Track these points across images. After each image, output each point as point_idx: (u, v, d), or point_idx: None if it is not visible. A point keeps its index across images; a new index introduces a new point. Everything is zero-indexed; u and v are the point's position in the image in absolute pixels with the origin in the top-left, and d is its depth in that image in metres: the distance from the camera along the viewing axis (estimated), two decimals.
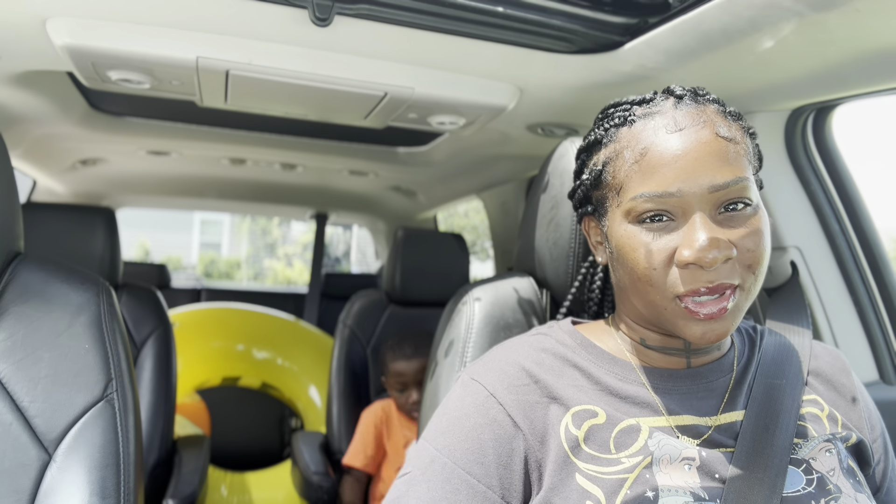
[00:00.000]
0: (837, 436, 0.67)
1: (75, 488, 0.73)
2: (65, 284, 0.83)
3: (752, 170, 0.64)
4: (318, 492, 1.69)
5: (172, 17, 0.91)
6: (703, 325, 0.61)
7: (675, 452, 0.62)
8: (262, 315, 2.74)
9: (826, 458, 0.64)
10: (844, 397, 0.73)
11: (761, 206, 0.64)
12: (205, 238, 16.60)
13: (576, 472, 0.62)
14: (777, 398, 0.68)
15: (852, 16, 0.73)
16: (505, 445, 0.64)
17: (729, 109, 0.66)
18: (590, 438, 0.64)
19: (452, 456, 0.64)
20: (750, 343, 0.76)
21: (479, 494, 0.62)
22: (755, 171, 0.67)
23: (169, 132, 1.86)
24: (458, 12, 0.86)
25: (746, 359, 0.73)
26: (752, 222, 0.61)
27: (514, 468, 0.63)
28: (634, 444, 0.63)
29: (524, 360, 0.70)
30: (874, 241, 1.11)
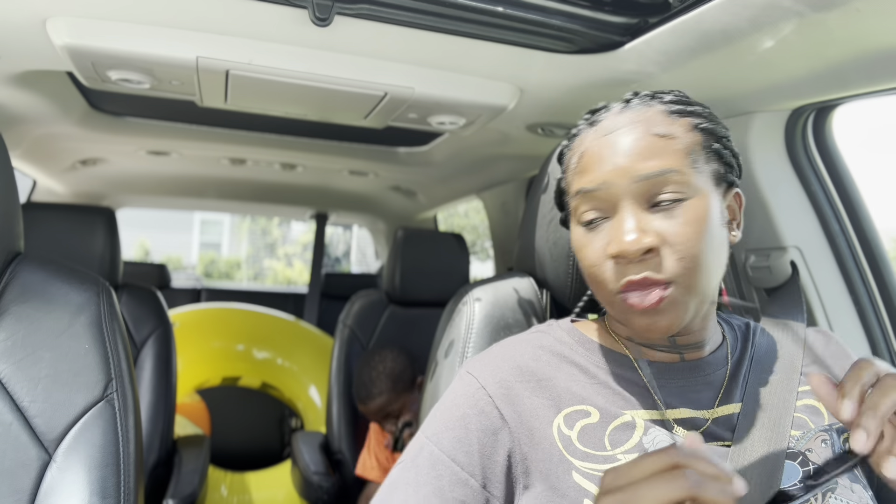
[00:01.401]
0: (834, 426, 0.67)
1: (75, 488, 0.73)
2: (65, 284, 0.83)
3: (694, 164, 0.64)
4: (317, 492, 1.69)
5: (172, 17, 0.91)
6: (647, 318, 0.62)
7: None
8: (262, 315, 2.74)
9: (822, 450, 0.64)
10: (831, 367, 0.74)
11: (702, 197, 0.63)
12: (205, 238, 16.60)
13: (572, 469, 0.62)
14: (773, 391, 0.68)
15: (852, 16, 0.73)
16: (490, 436, 0.65)
17: (678, 109, 0.67)
18: (583, 437, 0.64)
19: (440, 443, 0.66)
20: (743, 339, 0.76)
21: (461, 481, 0.63)
22: (721, 170, 0.67)
23: (169, 132, 1.86)
24: (458, 12, 0.86)
25: (740, 353, 0.74)
26: (684, 214, 0.62)
27: (496, 459, 0.64)
28: (629, 440, 0.63)
29: (520, 357, 0.71)
30: (874, 241, 1.11)
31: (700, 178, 0.64)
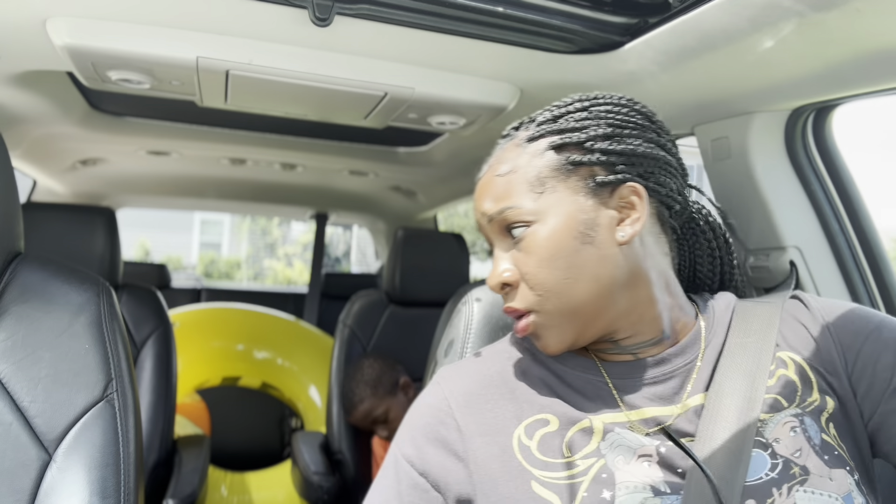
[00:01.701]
0: (807, 409, 0.63)
1: (75, 488, 0.73)
2: (65, 284, 0.83)
3: (540, 188, 0.66)
4: (317, 492, 1.69)
5: (172, 17, 0.91)
6: (532, 340, 0.69)
7: (629, 452, 0.61)
8: (262, 315, 2.74)
9: (791, 439, 0.60)
10: (823, 337, 0.68)
11: (550, 220, 0.65)
12: (205, 238, 16.60)
13: (531, 479, 0.62)
14: (743, 374, 0.65)
15: (852, 16, 0.73)
16: (444, 447, 0.68)
17: (531, 135, 0.69)
18: (542, 446, 0.64)
19: (402, 448, 0.70)
20: (722, 322, 0.72)
21: (417, 486, 0.67)
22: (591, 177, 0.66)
23: (169, 132, 1.86)
24: (458, 12, 0.86)
25: (715, 339, 0.70)
26: (529, 244, 0.65)
27: (450, 468, 0.67)
28: (588, 445, 0.63)
29: (490, 367, 0.73)
30: (874, 241, 1.11)
31: (549, 201, 0.65)
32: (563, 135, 0.67)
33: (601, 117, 0.67)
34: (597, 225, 0.65)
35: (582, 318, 0.65)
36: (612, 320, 0.66)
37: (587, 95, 0.71)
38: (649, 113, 0.71)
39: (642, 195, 0.65)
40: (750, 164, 1.10)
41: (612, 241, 0.65)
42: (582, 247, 0.64)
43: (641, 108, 0.70)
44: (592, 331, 0.66)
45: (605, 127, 0.67)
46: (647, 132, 0.68)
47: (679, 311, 0.70)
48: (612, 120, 0.67)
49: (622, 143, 0.66)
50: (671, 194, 0.69)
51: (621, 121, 0.67)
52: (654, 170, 0.68)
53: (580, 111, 0.69)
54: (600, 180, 0.65)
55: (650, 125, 0.69)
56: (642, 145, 0.67)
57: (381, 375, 1.73)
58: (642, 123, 0.69)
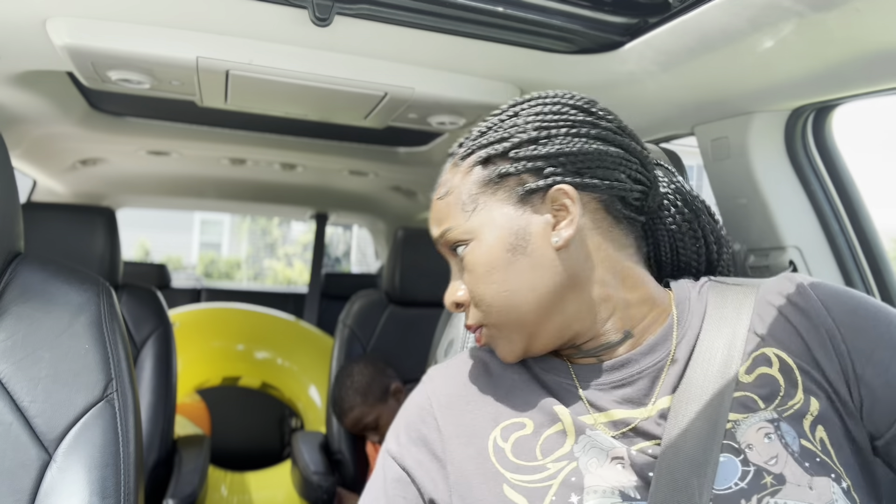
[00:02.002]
0: (785, 414, 0.57)
1: (75, 488, 0.73)
2: (65, 284, 0.83)
3: (471, 207, 0.66)
4: (317, 492, 1.69)
5: (172, 17, 0.91)
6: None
7: (602, 454, 0.60)
8: (262, 315, 2.74)
9: (765, 446, 0.56)
10: (805, 327, 0.61)
11: (484, 237, 0.65)
12: (205, 238, 16.60)
13: (504, 483, 0.62)
14: (713, 372, 0.60)
15: (852, 16, 0.73)
16: (424, 445, 0.69)
17: (462, 154, 0.69)
18: (517, 449, 0.64)
19: (388, 443, 0.72)
20: (697, 314, 0.67)
21: (400, 480, 0.68)
22: (519, 187, 0.64)
23: (169, 132, 1.86)
24: (458, 12, 0.86)
25: (689, 332, 0.65)
26: (469, 263, 0.66)
27: (429, 467, 0.68)
28: (561, 448, 0.62)
29: (474, 367, 0.74)
30: (874, 241, 1.11)
31: (482, 217, 0.65)
32: (489, 147, 0.66)
33: (529, 122, 0.66)
34: (529, 234, 0.64)
35: (529, 328, 0.65)
36: (565, 325, 0.65)
37: (522, 98, 0.69)
38: (586, 105, 0.67)
39: (573, 196, 0.63)
40: (750, 164, 1.10)
41: (549, 248, 0.64)
42: (516, 258, 0.64)
43: (577, 101, 0.67)
44: (545, 337, 0.65)
45: (532, 131, 0.65)
46: (582, 127, 0.65)
47: (643, 306, 0.66)
48: (540, 122, 0.65)
49: (549, 144, 0.64)
50: (619, 185, 0.65)
51: (550, 121, 0.65)
52: (590, 165, 0.65)
53: (510, 118, 0.68)
54: (528, 188, 0.64)
55: (587, 119, 0.66)
56: (574, 142, 0.64)
57: (371, 382, 1.71)
58: (577, 119, 0.66)
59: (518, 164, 0.64)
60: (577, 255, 0.64)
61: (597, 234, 0.65)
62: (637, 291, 0.66)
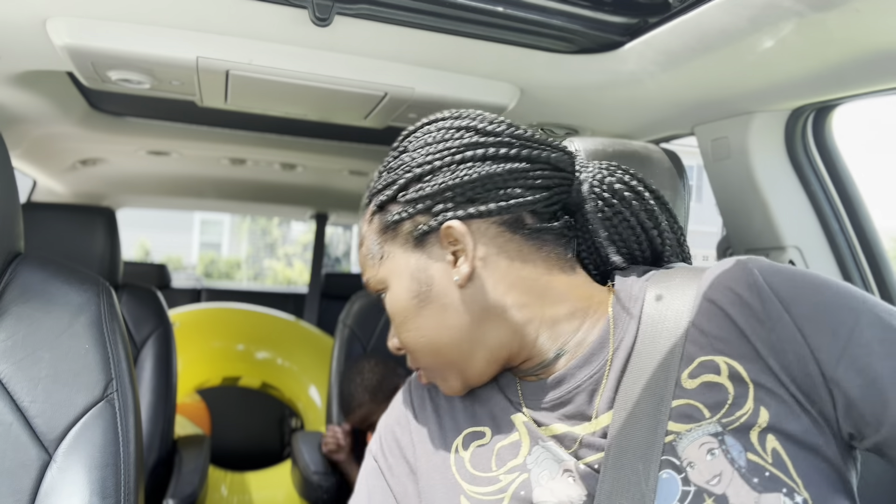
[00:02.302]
0: (730, 427, 0.52)
1: (75, 488, 0.73)
2: (65, 284, 0.83)
3: (379, 256, 0.66)
4: (317, 492, 1.69)
5: (172, 17, 0.91)
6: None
7: (555, 466, 0.59)
8: (262, 315, 2.74)
9: (707, 464, 0.52)
10: (755, 329, 0.54)
11: (392, 284, 0.65)
12: (205, 238, 16.60)
13: (461, 494, 0.62)
14: (652, 382, 0.56)
15: (852, 16, 0.73)
16: (398, 449, 0.71)
17: (366, 201, 0.69)
18: (475, 459, 0.64)
19: (372, 446, 0.74)
20: (634, 315, 0.62)
21: (377, 472, 0.70)
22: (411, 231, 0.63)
23: (169, 132, 1.86)
24: (458, 12, 0.86)
25: (626, 337, 0.61)
26: (388, 313, 0.67)
27: (399, 471, 0.69)
28: (513, 460, 0.61)
29: None
30: (874, 241, 1.11)
31: (388, 266, 0.66)
32: (380, 194, 0.66)
33: (415, 157, 0.64)
34: (431, 277, 0.63)
35: (457, 366, 0.64)
36: (493, 355, 0.64)
37: (415, 126, 0.67)
38: (479, 126, 0.64)
39: (462, 231, 0.60)
40: (750, 164, 1.10)
41: (453, 287, 0.62)
42: (423, 304, 0.63)
43: (469, 122, 0.64)
44: (478, 370, 0.64)
45: (416, 169, 0.63)
46: (467, 151, 0.62)
47: (573, 319, 0.63)
48: (424, 157, 0.63)
49: (433, 180, 0.62)
50: (516, 203, 0.62)
51: (435, 153, 0.63)
52: (480, 192, 0.62)
53: (400, 154, 0.66)
54: (421, 230, 0.63)
55: (473, 140, 0.63)
56: (458, 172, 0.61)
57: (381, 381, 1.72)
58: (463, 143, 0.63)
59: (408, 208, 0.63)
60: (484, 286, 0.62)
61: (503, 259, 0.62)
62: (562, 305, 0.63)
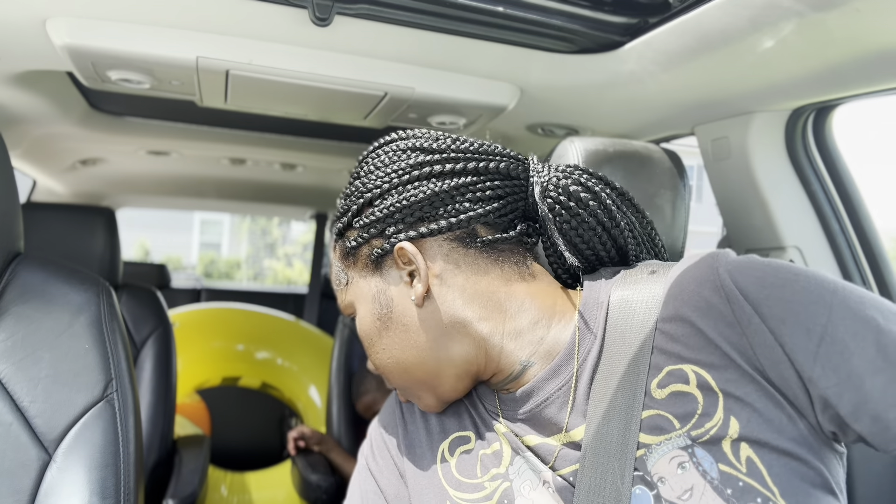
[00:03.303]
0: (700, 439, 0.51)
1: (75, 488, 0.73)
2: (65, 284, 0.83)
3: (346, 281, 0.68)
4: (317, 492, 1.69)
5: (172, 17, 0.91)
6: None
7: (534, 477, 0.59)
8: (262, 315, 2.74)
9: (678, 478, 0.50)
10: (724, 334, 0.52)
11: (359, 308, 0.67)
12: (205, 238, 16.60)
13: (447, 499, 0.63)
14: (621, 392, 0.55)
15: (852, 16, 0.73)
16: (386, 451, 0.72)
17: (329, 228, 0.72)
18: (460, 465, 0.64)
19: (363, 448, 0.75)
20: (599, 323, 0.61)
21: (369, 475, 0.72)
22: (368, 254, 0.64)
23: (169, 132, 1.86)
24: (459, 12, 0.86)
25: (593, 347, 0.59)
26: (359, 335, 0.68)
27: (387, 475, 0.70)
28: (496, 468, 0.62)
29: None
30: (874, 241, 1.11)
31: (352, 291, 0.67)
32: (339, 221, 0.67)
33: (366, 182, 0.65)
34: (390, 299, 0.63)
35: (427, 384, 0.65)
36: (462, 371, 0.63)
37: (369, 150, 0.68)
38: (424, 144, 0.65)
39: (412, 251, 0.61)
40: (750, 163, 1.10)
41: (411, 307, 0.62)
42: (386, 325, 0.64)
43: (415, 142, 0.65)
44: (448, 386, 0.65)
45: (367, 194, 0.64)
46: (413, 171, 0.63)
47: (537, 329, 0.62)
48: (373, 181, 0.64)
49: (382, 203, 0.63)
50: (465, 217, 0.61)
51: (384, 175, 0.64)
52: (428, 210, 0.62)
53: (355, 180, 0.67)
54: (376, 253, 0.63)
55: (426, 158, 0.63)
56: (405, 193, 0.62)
57: None
58: (409, 163, 0.63)
59: (363, 233, 0.64)
60: (443, 303, 0.62)
61: (459, 275, 0.62)
62: (524, 315, 0.62)
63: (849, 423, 0.49)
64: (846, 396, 0.49)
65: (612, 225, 0.65)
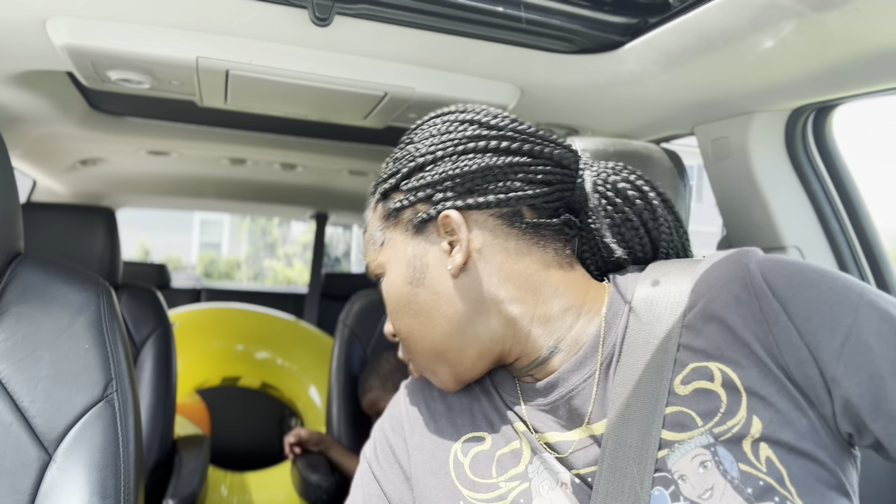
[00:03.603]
0: (722, 437, 0.51)
1: (75, 488, 0.73)
2: (65, 284, 0.83)
3: (381, 242, 0.67)
4: (317, 492, 1.69)
5: (172, 17, 0.91)
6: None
7: (553, 476, 0.58)
8: (262, 315, 2.74)
9: (699, 477, 0.50)
10: (752, 330, 0.52)
11: (390, 271, 0.66)
12: (205, 238, 16.60)
13: (460, 499, 0.62)
14: (643, 388, 0.55)
15: (852, 16, 0.73)
16: (391, 454, 0.71)
17: (372, 189, 0.70)
18: (474, 465, 0.64)
19: (366, 450, 0.75)
20: (623, 317, 0.61)
21: (372, 478, 0.71)
22: (412, 219, 0.64)
23: (169, 132, 1.86)
24: (459, 12, 0.86)
25: (612, 346, 0.60)
26: (384, 298, 0.68)
27: (392, 477, 0.69)
28: (515, 468, 0.61)
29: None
30: (874, 241, 1.11)
31: (387, 252, 0.67)
32: (385, 183, 0.67)
33: (419, 148, 0.65)
34: (426, 265, 0.63)
35: (446, 358, 0.64)
36: (484, 350, 0.63)
37: (422, 120, 0.68)
38: (482, 119, 0.65)
39: (459, 221, 0.61)
40: (750, 163, 1.10)
41: (446, 276, 0.62)
42: (416, 291, 0.63)
43: (473, 116, 0.65)
44: (468, 364, 0.64)
45: (419, 158, 0.64)
46: (469, 143, 0.63)
47: (567, 316, 0.62)
48: (428, 147, 0.64)
49: (434, 169, 0.63)
50: (514, 196, 0.62)
51: (438, 143, 0.64)
52: (479, 183, 0.62)
53: (406, 146, 0.67)
54: (421, 218, 0.63)
55: (476, 133, 0.63)
56: (459, 162, 0.62)
57: (392, 371, 1.74)
58: (466, 135, 0.63)
59: (409, 196, 0.64)
60: (478, 277, 0.61)
61: (499, 252, 0.62)
62: (557, 301, 0.62)
63: (867, 423, 0.49)
64: (867, 396, 0.49)
65: (654, 226, 0.66)
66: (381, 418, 0.76)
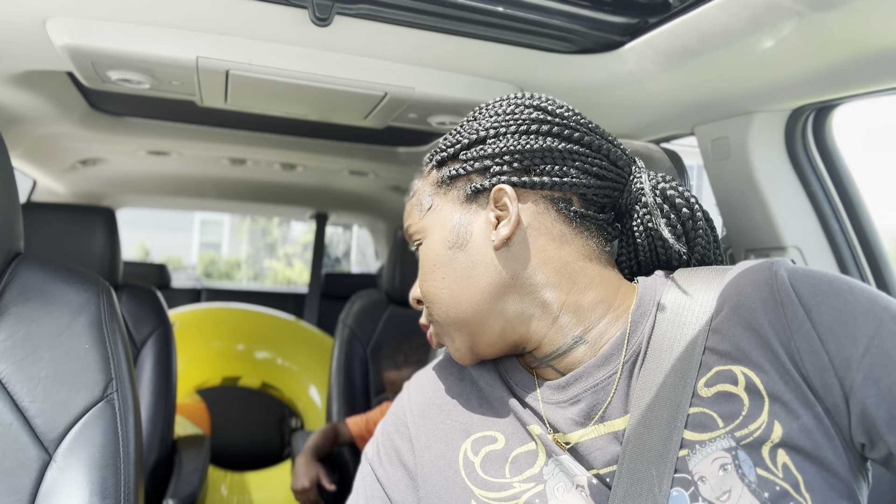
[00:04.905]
0: (743, 441, 0.51)
1: (75, 488, 0.73)
2: (65, 284, 0.83)
3: (427, 207, 0.68)
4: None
5: (172, 17, 0.91)
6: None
7: (569, 478, 0.58)
8: (262, 315, 2.74)
9: (719, 479, 0.51)
10: (778, 335, 0.53)
11: (432, 236, 0.67)
12: (205, 238, 16.60)
13: (471, 498, 0.62)
14: (667, 388, 0.55)
15: (852, 16, 0.73)
16: (395, 456, 0.70)
17: (428, 157, 0.71)
18: (486, 464, 0.63)
19: (368, 451, 0.75)
20: (649, 317, 0.62)
21: (375, 481, 0.71)
22: (467, 188, 0.65)
23: (169, 132, 1.86)
24: (458, 12, 0.86)
25: (638, 346, 0.60)
26: (420, 261, 0.68)
27: (397, 478, 0.69)
28: (530, 469, 0.61)
29: (449, 375, 0.74)
30: (874, 241, 1.11)
31: (433, 217, 0.67)
32: (443, 151, 0.68)
33: (482, 124, 0.66)
34: (470, 233, 0.64)
35: (469, 327, 0.65)
36: (508, 328, 0.64)
37: (483, 105, 0.70)
38: (544, 104, 0.66)
39: (512, 196, 0.62)
40: (750, 164, 1.10)
41: (488, 247, 0.63)
42: (456, 255, 0.64)
43: (536, 101, 0.67)
44: (488, 339, 0.64)
45: (482, 132, 0.65)
46: (533, 124, 0.64)
47: (597, 308, 0.62)
48: (492, 123, 0.65)
49: (496, 143, 0.64)
50: (569, 181, 0.63)
51: (502, 121, 0.65)
52: (537, 162, 0.63)
53: (469, 122, 0.68)
54: (475, 187, 0.64)
55: (541, 117, 0.65)
56: (521, 140, 0.63)
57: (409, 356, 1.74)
58: (531, 117, 0.65)
59: (466, 165, 0.65)
60: (518, 255, 0.62)
61: (542, 235, 0.63)
62: (590, 292, 0.62)
63: (882, 434, 0.49)
64: (884, 407, 0.49)
65: (694, 236, 0.67)
66: (384, 419, 0.75)
